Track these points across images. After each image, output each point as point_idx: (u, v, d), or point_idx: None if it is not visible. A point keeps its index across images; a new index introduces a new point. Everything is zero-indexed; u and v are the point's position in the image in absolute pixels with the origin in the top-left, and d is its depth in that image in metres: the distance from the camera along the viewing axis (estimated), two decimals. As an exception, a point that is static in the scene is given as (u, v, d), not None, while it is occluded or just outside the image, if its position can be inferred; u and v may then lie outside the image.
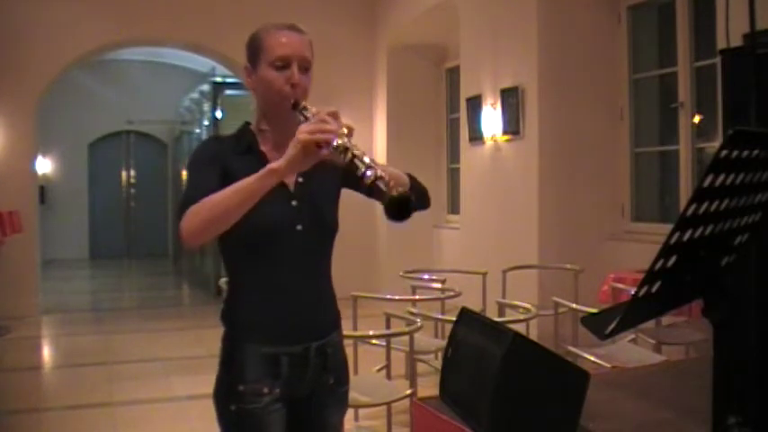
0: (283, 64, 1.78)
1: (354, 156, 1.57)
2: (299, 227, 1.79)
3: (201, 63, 10.16)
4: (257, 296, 1.81)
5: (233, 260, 1.83)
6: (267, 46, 1.79)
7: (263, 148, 1.84)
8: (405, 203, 1.52)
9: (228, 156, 1.80)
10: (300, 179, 1.84)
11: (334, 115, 1.67)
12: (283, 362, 1.81)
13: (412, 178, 1.90)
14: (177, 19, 8.30)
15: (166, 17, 8.27)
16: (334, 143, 1.59)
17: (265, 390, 1.79)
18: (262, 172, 1.62)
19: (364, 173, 1.55)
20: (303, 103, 1.76)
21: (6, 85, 7.70)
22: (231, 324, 1.86)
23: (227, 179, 1.69)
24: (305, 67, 1.81)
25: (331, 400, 1.93)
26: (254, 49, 1.82)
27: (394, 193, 1.50)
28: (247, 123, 1.93)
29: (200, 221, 1.62)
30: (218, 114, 9.78)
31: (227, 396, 1.82)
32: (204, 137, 10.47)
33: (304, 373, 1.84)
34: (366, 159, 1.57)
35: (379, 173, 1.54)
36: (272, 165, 1.63)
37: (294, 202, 1.81)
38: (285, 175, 1.65)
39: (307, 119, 1.71)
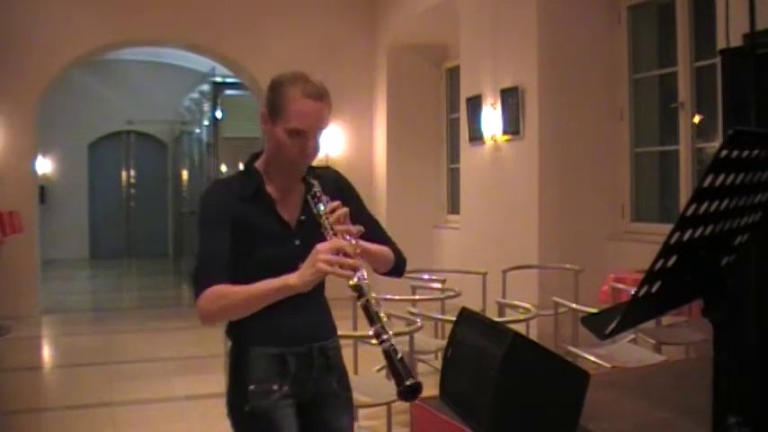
0: (299, 133, 1.85)
1: (368, 306, 1.70)
2: (300, 264, 1.82)
3: (201, 63, 10.15)
4: (261, 312, 1.87)
5: (232, 275, 1.86)
6: (288, 112, 1.84)
7: (269, 188, 1.94)
8: (417, 392, 1.62)
9: (236, 203, 1.90)
10: (303, 217, 1.94)
11: (343, 220, 1.79)
12: (290, 361, 1.92)
13: (394, 250, 2.03)
14: (177, 19, 8.30)
15: (166, 17, 8.26)
16: (350, 283, 1.71)
17: (275, 387, 1.91)
18: (279, 284, 1.75)
19: (380, 338, 1.65)
20: (315, 190, 1.87)
21: (6, 84, 7.70)
22: (237, 334, 1.97)
23: (236, 226, 1.86)
24: (319, 133, 1.89)
25: (337, 403, 2.02)
26: (275, 106, 1.87)
27: (408, 381, 1.60)
28: (253, 158, 2.00)
29: (218, 312, 1.82)
30: (218, 114, 9.79)
31: (239, 399, 1.92)
32: (204, 137, 10.49)
33: (309, 371, 1.95)
34: (381, 315, 1.68)
35: (393, 344, 1.64)
36: (290, 281, 1.74)
37: (297, 242, 1.91)
38: (299, 291, 1.76)
39: (319, 215, 1.82)
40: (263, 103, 1.92)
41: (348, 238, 1.77)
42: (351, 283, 1.70)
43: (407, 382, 1.60)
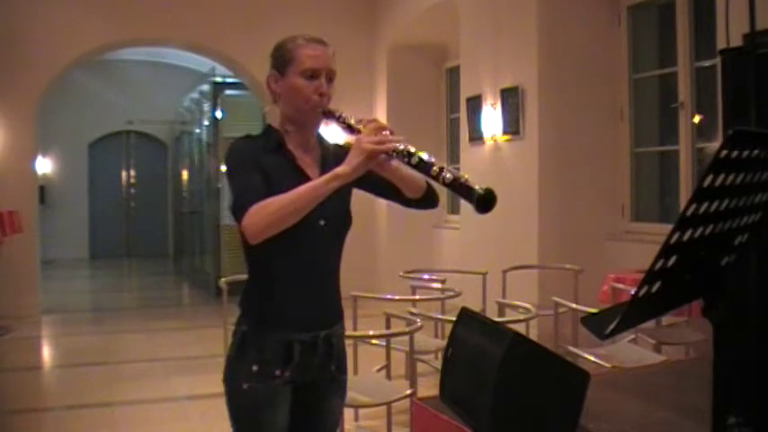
0: (312, 74, 1.92)
1: (422, 159, 1.71)
2: (321, 222, 1.92)
3: (201, 63, 10.15)
4: (277, 286, 1.94)
5: (256, 251, 1.88)
6: (298, 57, 1.92)
7: (289, 146, 1.98)
8: (492, 197, 1.65)
9: (260, 153, 1.93)
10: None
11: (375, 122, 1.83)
12: (296, 348, 1.95)
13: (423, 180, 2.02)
14: (177, 19, 8.30)
15: (166, 17, 8.27)
16: (400, 147, 1.73)
17: (277, 372, 1.94)
18: (327, 177, 1.77)
19: (441, 174, 1.67)
20: (339, 112, 1.91)
21: (6, 85, 7.69)
22: (250, 310, 1.99)
23: (263, 175, 1.86)
24: (330, 78, 1.95)
25: (333, 387, 2.07)
26: (284, 59, 1.95)
27: (479, 190, 1.63)
28: (269, 125, 2.05)
29: (268, 221, 1.76)
30: (218, 114, 9.78)
31: (239, 375, 1.95)
32: (204, 137, 10.48)
33: (312, 359, 1.98)
34: (434, 160, 1.71)
35: (456, 173, 1.67)
36: (338, 170, 1.76)
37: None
38: (348, 180, 1.78)
39: (349, 126, 1.87)
40: (270, 67, 1.98)
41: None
42: (399, 148, 1.73)
43: (479, 192, 1.63)
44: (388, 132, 1.79)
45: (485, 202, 1.63)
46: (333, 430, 2.12)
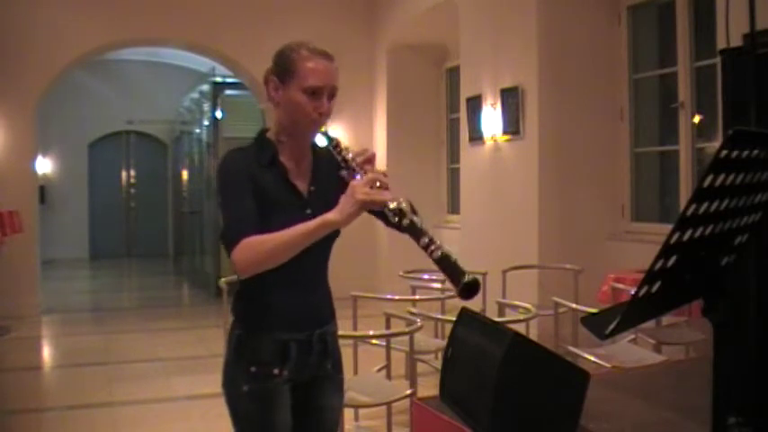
0: (314, 92, 1.88)
1: (413, 223, 1.72)
2: None
3: (201, 63, 10.15)
4: (269, 290, 1.94)
5: None
6: (301, 71, 1.88)
7: (282, 158, 1.96)
8: (475, 287, 1.63)
9: (255, 169, 1.91)
10: (312, 187, 1.98)
11: (372, 160, 1.83)
12: (292, 347, 1.96)
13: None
14: (177, 19, 8.30)
15: (166, 17, 8.27)
16: (391, 206, 1.73)
17: (275, 371, 1.95)
18: (318, 222, 1.79)
19: (429, 247, 1.67)
20: (343, 145, 1.89)
21: (6, 85, 7.69)
22: (244, 314, 2.00)
23: (254, 192, 1.87)
24: (332, 95, 1.93)
25: (330, 386, 2.09)
26: (286, 69, 1.90)
27: (465, 278, 1.61)
28: (264, 131, 2.02)
29: (257, 259, 1.81)
30: (218, 114, 9.77)
31: (238, 378, 1.96)
32: (204, 137, 10.48)
33: (309, 357, 2.00)
34: (424, 227, 1.71)
35: (446, 250, 1.66)
36: (329, 216, 1.77)
37: (308, 211, 1.93)
38: (339, 227, 1.81)
39: (345, 160, 1.85)
40: (271, 71, 1.94)
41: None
42: (392, 206, 1.73)
43: (465, 279, 1.61)
44: (386, 181, 1.78)
45: (469, 288, 1.62)
46: (333, 429, 2.13)
